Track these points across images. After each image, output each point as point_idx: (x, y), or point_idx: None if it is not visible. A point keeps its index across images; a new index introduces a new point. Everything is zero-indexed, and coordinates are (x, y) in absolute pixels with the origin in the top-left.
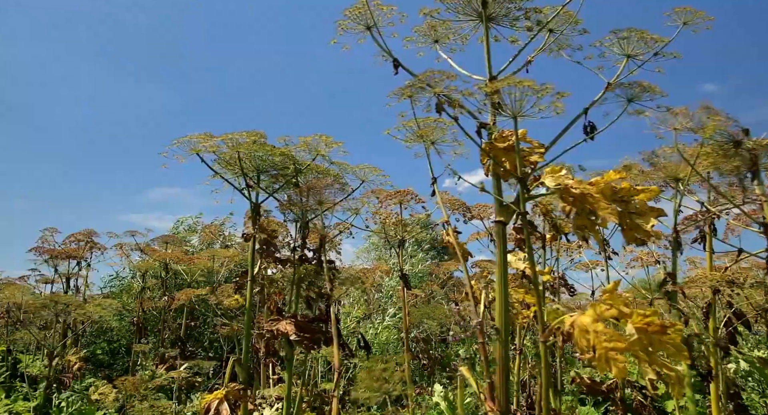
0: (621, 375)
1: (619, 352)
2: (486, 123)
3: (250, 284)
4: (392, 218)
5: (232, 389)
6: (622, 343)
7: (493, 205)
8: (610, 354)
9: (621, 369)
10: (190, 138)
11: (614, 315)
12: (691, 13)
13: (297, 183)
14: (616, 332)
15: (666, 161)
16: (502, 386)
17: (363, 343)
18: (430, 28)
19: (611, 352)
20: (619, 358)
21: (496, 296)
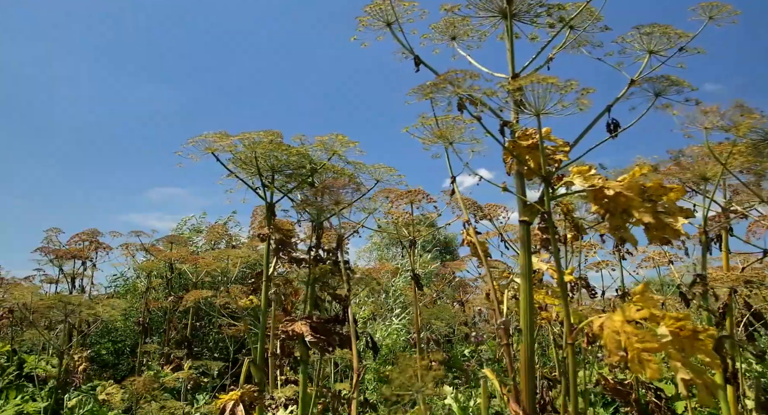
0: (655, 376)
1: (652, 353)
2: (508, 121)
3: (265, 284)
4: (405, 218)
5: (247, 391)
6: (655, 344)
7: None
8: (642, 355)
9: (655, 370)
10: (205, 137)
11: (645, 317)
12: (717, 8)
13: (312, 183)
14: (648, 333)
15: (692, 160)
16: (528, 388)
17: (371, 344)
18: (447, 25)
19: (644, 353)
20: (652, 359)
21: (520, 296)
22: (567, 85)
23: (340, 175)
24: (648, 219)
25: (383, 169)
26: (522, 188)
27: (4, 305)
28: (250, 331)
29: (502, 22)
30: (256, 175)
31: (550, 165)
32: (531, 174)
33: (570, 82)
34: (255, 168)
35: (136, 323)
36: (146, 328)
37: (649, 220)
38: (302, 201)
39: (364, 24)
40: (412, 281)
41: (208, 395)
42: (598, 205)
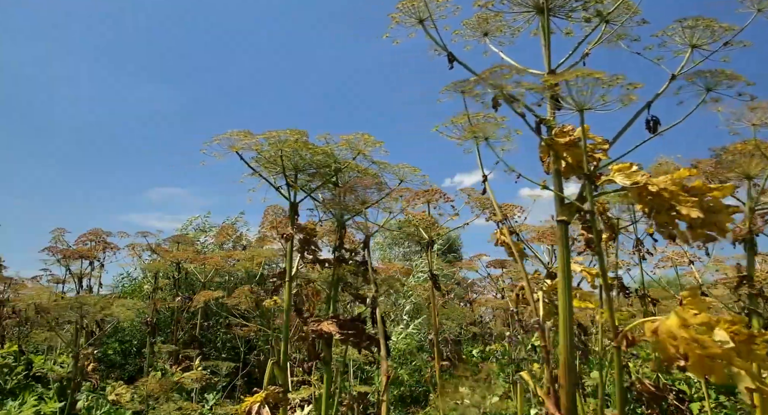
0: (720, 382)
1: (715, 359)
2: (545, 118)
3: (288, 284)
4: (425, 219)
5: (271, 392)
6: (718, 350)
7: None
8: (706, 362)
9: (720, 376)
10: (230, 135)
11: (703, 322)
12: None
13: (336, 182)
14: (709, 339)
15: (735, 158)
16: (568, 390)
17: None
18: (479, 21)
19: (706, 359)
20: (716, 365)
21: (559, 297)
22: (613, 80)
23: (363, 174)
24: (696, 214)
25: (407, 169)
26: (559, 186)
27: (15, 305)
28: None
29: (536, 17)
30: (279, 174)
31: (589, 163)
32: (569, 172)
33: (617, 76)
34: (279, 167)
35: (143, 323)
36: (154, 328)
37: (697, 215)
38: (329, 200)
39: (396, 21)
40: (429, 282)
41: (218, 394)
42: (641, 203)
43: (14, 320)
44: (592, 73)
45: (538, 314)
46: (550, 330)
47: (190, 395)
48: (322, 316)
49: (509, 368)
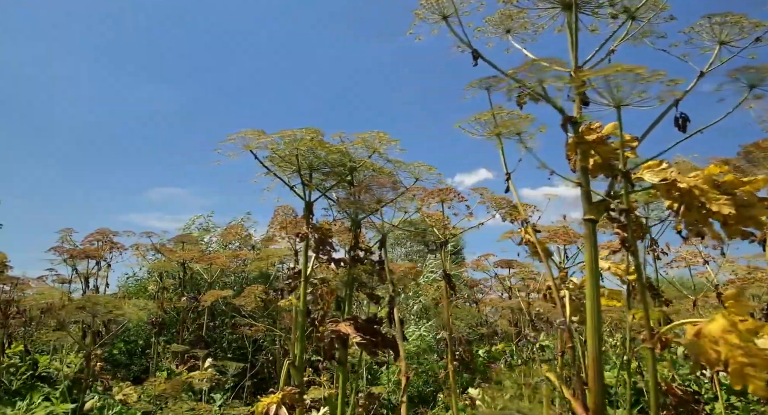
0: (761, 393)
1: (757, 368)
2: (572, 116)
3: (303, 284)
4: (441, 218)
5: (288, 393)
6: (762, 359)
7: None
8: (746, 370)
9: (759, 387)
10: (244, 134)
11: (749, 328)
12: None
13: (351, 181)
14: (754, 347)
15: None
16: (597, 392)
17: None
18: (502, 18)
19: (748, 368)
20: (757, 376)
21: (586, 296)
22: (654, 75)
23: (378, 173)
24: (728, 210)
25: (423, 168)
26: (587, 185)
27: (25, 305)
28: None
29: (561, 14)
30: (293, 173)
31: (617, 161)
32: (597, 170)
33: (657, 72)
34: (294, 166)
35: (149, 323)
36: (162, 328)
37: (729, 211)
38: (344, 199)
39: (420, 17)
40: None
41: (225, 395)
42: (670, 200)
43: (20, 320)
44: (633, 68)
45: (564, 315)
46: (576, 330)
47: (198, 395)
48: (337, 316)
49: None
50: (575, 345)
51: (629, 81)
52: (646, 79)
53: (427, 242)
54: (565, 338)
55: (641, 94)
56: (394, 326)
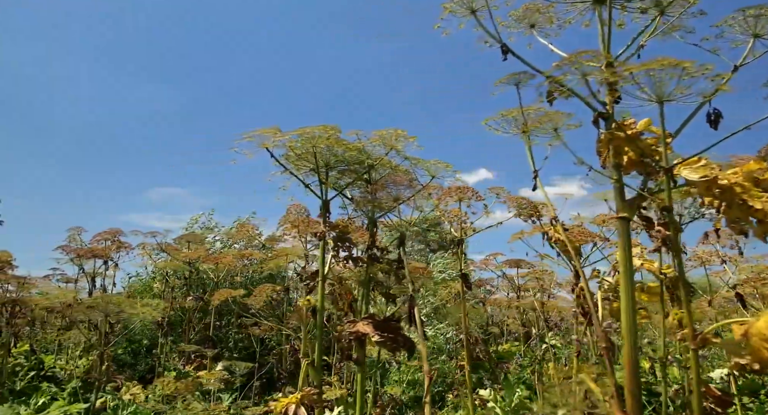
0: None
1: None
2: (605, 112)
3: (321, 283)
4: (459, 216)
5: (307, 393)
6: None
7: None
8: None
9: None
10: (261, 132)
11: None
12: None
13: (368, 179)
14: None
15: None
16: (634, 394)
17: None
18: (527, 13)
19: None
20: None
21: (621, 296)
22: (700, 69)
23: (395, 171)
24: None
25: (440, 165)
26: (620, 182)
27: (34, 304)
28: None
29: (590, 9)
30: (309, 171)
31: (650, 157)
32: (631, 166)
33: (705, 66)
34: (311, 164)
35: (156, 322)
36: (171, 327)
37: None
38: (361, 197)
39: (448, 10)
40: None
41: (233, 395)
42: (710, 197)
43: (24, 319)
44: (680, 62)
45: (598, 314)
46: (612, 330)
47: (206, 396)
48: (354, 316)
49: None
50: (609, 346)
51: (671, 76)
52: (691, 74)
53: (429, 241)
54: (600, 339)
55: (685, 89)
56: (414, 326)
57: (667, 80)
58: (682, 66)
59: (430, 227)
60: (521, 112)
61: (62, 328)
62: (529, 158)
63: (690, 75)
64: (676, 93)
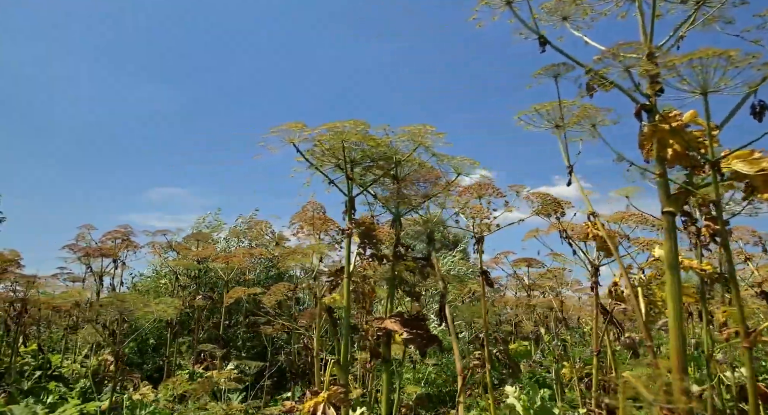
0: None
1: None
2: (647, 104)
3: (346, 281)
4: (481, 213)
5: (334, 393)
6: None
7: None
8: None
9: None
10: (287, 127)
11: None
12: None
13: (395, 175)
14: None
15: None
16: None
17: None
18: (560, 4)
19: None
20: None
21: (667, 293)
22: (746, 59)
23: (421, 167)
24: None
25: (467, 162)
26: (664, 176)
27: (50, 303)
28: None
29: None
30: (334, 167)
31: (696, 150)
32: (675, 160)
33: (752, 54)
34: (337, 159)
35: (166, 322)
36: (181, 326)
37: None
38: (391, 194)
39: (483, 2)
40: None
41: (242, 395)
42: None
43: (29, 319)
44: (725, 51)
45: (639, 312)
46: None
47: (215, 395)
48: (383, 315)
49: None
50: (653, 345)
51: (716, 66)
52: (737, 64)
53: (434, 239)
54: (645, 336)
55: (730, 80)
56: (445, 323)
57: (711, 71)
58: (727, 55)
59: (434, 226)
60: (559, 105)
61: (69, 327)
62: (563, 153)
63: (735, 65)
64: (720, 84)
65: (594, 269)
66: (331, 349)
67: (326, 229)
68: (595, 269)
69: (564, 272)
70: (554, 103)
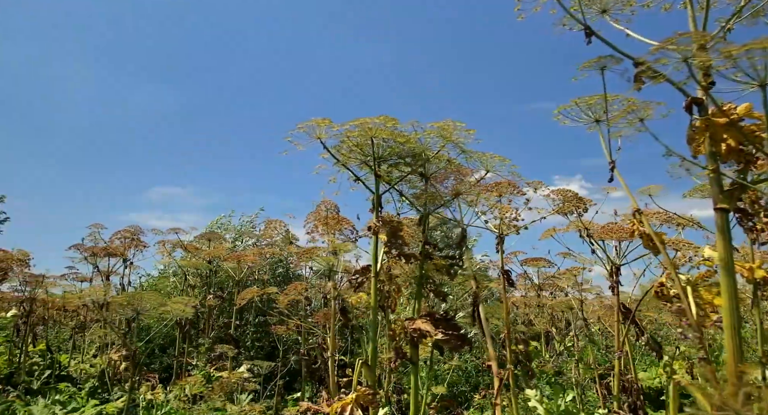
0: None
1: None
2: (699, 98)
3: (374, 280)
4: (511, 213)
5: (362, 394)
6: None
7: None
8: None
9: None
10: (314, 123)
11: None
12: None
13: (423, 172)
14: None
15: None
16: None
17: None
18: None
19: None
20: None
21: (722, 293)
22: None
23: (450, 164)
24: None
25: (496, 159)
26: (717, 171)
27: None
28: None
29: None
30: (361, 164)
31: (752, 144)
32: (729, 154)
33: None
34: (366, 156)
35: (177, 322)
36: (193, 326)
37: None
38: (420, 192)
39: None
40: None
41: (249, 395)
42: None
43: (37, 319)
44: None
45: (690, 312)
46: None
47: (235, 395)
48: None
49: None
50: (705, 347)
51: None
52: None
53: (434, 241)
54: (695, 341)
55: None
56: (479, 323)
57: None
58: None
59: (436, 227)
60: (604, 99)
61: (76, 327)
62: (605, 149)
63: None
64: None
65: (615, 269)
66: (343, 350)
67: (340, 228)
68: (617, 268)
69: (583, 272)
70: (596, 97)
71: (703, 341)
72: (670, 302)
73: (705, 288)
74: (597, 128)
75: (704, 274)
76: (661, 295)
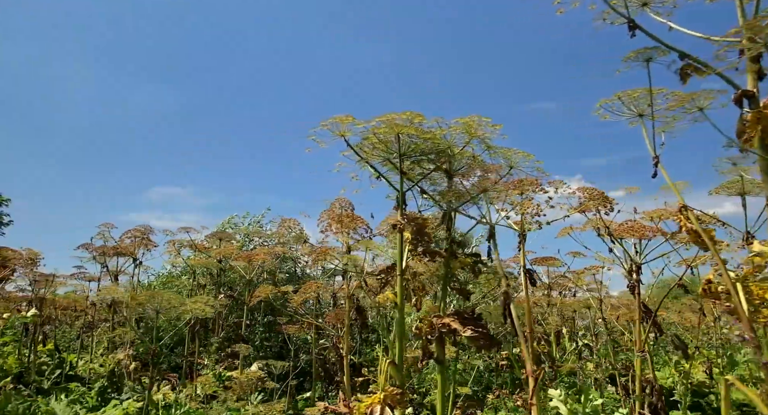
0: None
1: None
2: (750, 90)
3: (399, 278)
4: (535, 210)
5: (389, 393)
6: None
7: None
8: None
9: None
10: (338, 120)
11: None
12: None
13: (447, 169)
14: None
15: None
16: None
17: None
18: None
19: None
20: None
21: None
22: None
23: (474, 160)
24: None
25: (520, 155)
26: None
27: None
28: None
29: None
30: (384, 161)
31: None
32: None
33: None
34: (388, 153)
35: (187, 322)
36: (204, 326)
37: None
38: (445, 189)
39: None
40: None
41: (260, 394)
42: None
43: (46, 318)
44: None
45: (742, 309)
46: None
47: (247, 395)
48: (441, 313)
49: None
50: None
51: None
52: None
53: (438, 239)
54: (749, 334)
55: None
56: (510, 322)
57: None
58: None
59: (438, 225)
60: (649, 92)
61: (85, 326)
62: (648, 143)
63: None
64: None
65: (636, 268)
66: (353, 351)
67: (354, 227)
68: (638, 267)
69: (602, 270)
70: (639, 91)
71: (755, 331)
72: (717, 298)
73: (755, 284)
74: (640, 122)
75: (754, 269)
76: (708, 292)
